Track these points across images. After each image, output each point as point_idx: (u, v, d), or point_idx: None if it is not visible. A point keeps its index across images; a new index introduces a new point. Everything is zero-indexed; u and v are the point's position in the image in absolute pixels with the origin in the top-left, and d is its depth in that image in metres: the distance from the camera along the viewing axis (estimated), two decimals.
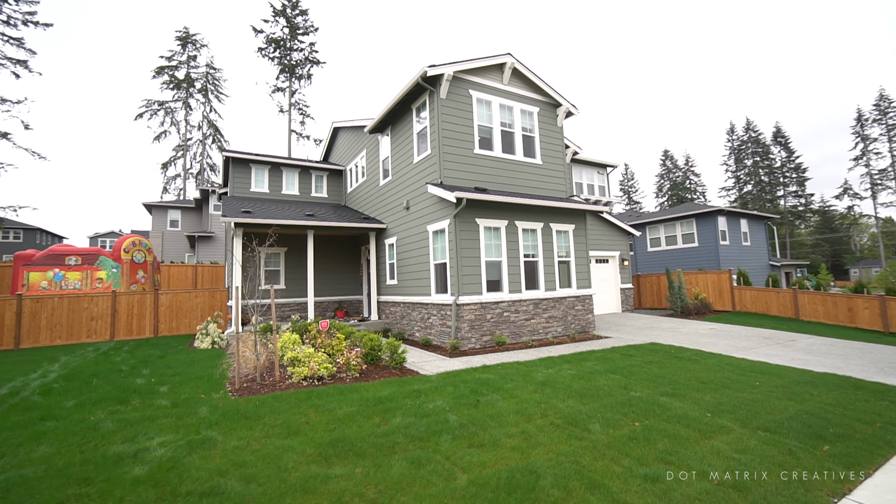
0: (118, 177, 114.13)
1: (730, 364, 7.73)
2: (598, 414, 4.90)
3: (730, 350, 9.25)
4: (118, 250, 16.11)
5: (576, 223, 12.22)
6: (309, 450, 3.92)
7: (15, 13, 31.84)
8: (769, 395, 5.82)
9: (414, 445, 4.02)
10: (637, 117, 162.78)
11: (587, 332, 11.86)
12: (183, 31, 46.55)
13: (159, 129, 44.95)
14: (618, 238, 17.65)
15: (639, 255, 24.89)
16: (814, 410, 5.16)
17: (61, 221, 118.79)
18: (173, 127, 45.82)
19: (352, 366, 6.83)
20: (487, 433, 4.33)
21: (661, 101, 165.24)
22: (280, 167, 16.88)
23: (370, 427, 4.51)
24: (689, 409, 5.17)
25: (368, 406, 5.22)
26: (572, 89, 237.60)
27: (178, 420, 4.76)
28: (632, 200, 66.36)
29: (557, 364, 7.67)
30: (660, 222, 23.74)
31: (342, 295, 16.09)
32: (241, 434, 4.33)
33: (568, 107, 12.78)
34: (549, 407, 5.15)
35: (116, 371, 7.61)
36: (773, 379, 6.70)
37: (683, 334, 11.57)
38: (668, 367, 7.41)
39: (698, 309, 15.70)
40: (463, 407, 5.16)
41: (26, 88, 76.99)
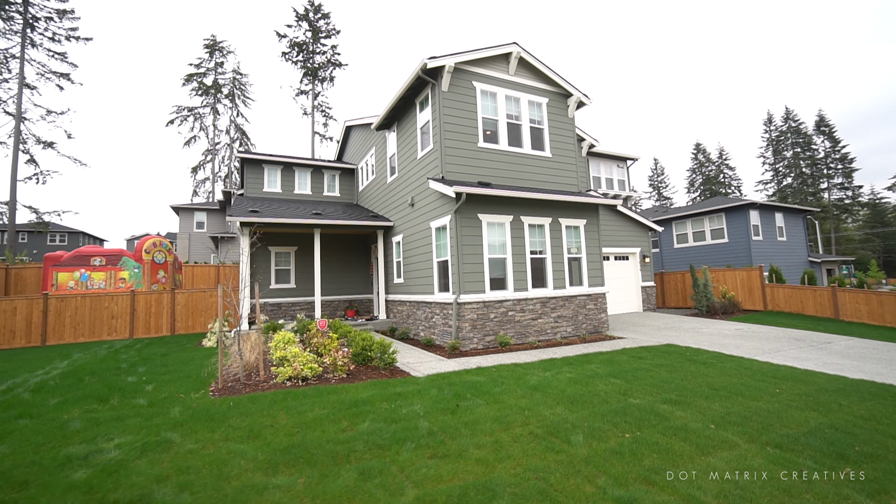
0: (152, 181, 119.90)
1: (749, 369, 7.04)
2: (585, 423, 4.46)
3: (753, 353, 8.49)
4: (139, 251, 16.67)
5: (587, 218, 11.62)
6: (261, 456, 3.70)
7: (59, 30, 33.75)
8: (789, 404, 5.19)
9: (371, 454, 3.73)
10: (667, 110, 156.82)
11: (600, 332, 11.25)
12: (210, 39, 48.17)
13: (189, 135, 46.69)
14: (638, 234, 16.79)
15: (664, 251, 23.74)
16: (839, 424, 4.52)
17: (101, 225, 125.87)
18: (202, 132, 47.50)
19: (338, 366, 6.62)
20: (456, 442, 3.99)
21: (693, 93, 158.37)
22: (292, 167, 17.02)
23: (334, 432, 4.26)
24: (691, 419, 4.64)
25: (342, 409, 4.97)
26: (596, 82, 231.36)
27: (146, 420, 4.66)
28: (662, 196, 63.88)
29: (557, 366, 7.20)
30: (687, 217, 22.53)
31: (353, 294, 16.04)
32: (201, 437, 4.17)
33: (579, 97, 12.18)
34: (533, 414, 4.75)
35: (115, 369, 7.71)
36: (798, 386, 6.01)
37: (705, 335, 10.79)
38: (679, 372, 6.81)
39: (725, 308, 14.70)
40: (439, 412, 4.83)
41: (69, 99, 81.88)
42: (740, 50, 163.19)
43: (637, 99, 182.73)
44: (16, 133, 31.64)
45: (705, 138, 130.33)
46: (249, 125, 61.86)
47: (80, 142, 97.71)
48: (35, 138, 32.98)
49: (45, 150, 33.41)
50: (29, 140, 32.81)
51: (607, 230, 15.97)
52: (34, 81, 33.28)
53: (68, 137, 34.29)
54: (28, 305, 13.13)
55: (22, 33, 32.67)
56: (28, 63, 32.94)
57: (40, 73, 33.61)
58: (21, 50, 32.62)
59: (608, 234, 15.99)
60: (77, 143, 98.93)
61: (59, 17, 34.05)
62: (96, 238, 52.42)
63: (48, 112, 33.49)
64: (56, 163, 65.04)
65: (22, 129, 32.16)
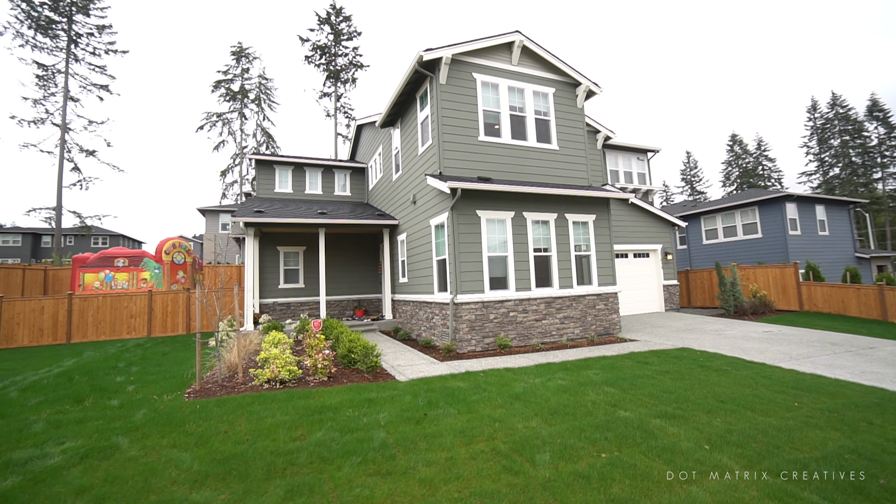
0: (185, 184, 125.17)
1: (768, 377, 6.31)
2: (558, 439, 4.01)
3: (778, 359, 7.68)
4: (159, 252, 17.22)
5: (597, 213, 10.96)
6: (196, 466, 3.49)
7: (99, 44, 35.67)
8: (806, 421, 4.53)
9: (311, 469, 3.45)
10: (700, 101, 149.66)
11: (611, 334, 10.59)
12: (237, 46, 49.65)
13: (218, 139, 48.32)
14: (660, 230, 15.84)
15: (692, 248, 22.44)
16: (864, 448, 3.86)
17: (138, 227, 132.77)
18: (230, 136, 49.05)
19: (319, 369, 6.41)
20: (407, 458, 3.64)
21: (728, 82, 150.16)
22: (303, 167, 17.10)
23: (284, 441, 4.01)
24: (684, 437, 4.10)
25: (304, 416, 4.73)
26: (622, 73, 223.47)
27: (107, 423, 4.58)
28: (695, 190, 60.90)
29: (552, 372, 6.72)
30: (716, 212, 21.18)
31: (362, 293, 15.94)
32: (150, 442, 4.02)
33: (588, 85, 11.52)
34: (504, 427, 4.34)
35: (112, 368, 7.83)
36: (822, 399, 5.29)
37: (728, 338, 9.94)
38: (686, 380, 6.19)
39: (755, 308, 13.60)
40: (403, 422, 4.50)
41: (108, 109, 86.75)
42: (779, 33, 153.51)
43: (668, 90, 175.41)
44: (61, 143, 33.63)
45: (742, 129, 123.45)
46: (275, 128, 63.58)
47: (117, 149, 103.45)
48: (78, 147, 34.94)
49: (87, 157, 35.31)
50: (73, 149, 34.80)
51: (625, 226, 15.14)
52: (77, 94, 35.29)
53: (108, 146, 36.14)
54: (54, 305, 13.77)
55: (66, 49, 34.68)
56: (71, 77, 34.93)
57: (83, 85, 35.57)
58: (66, 65, 34.63)
59: (626, 230, 15.16)
60: (115, 151, 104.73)
61: (99, 32, 35.94)
62: (135, 240, 55.23)
63: (90, 122, 35.43)
64: (97, 170, 69.05)
65: (66, 139, 34.16)
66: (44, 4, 33.71)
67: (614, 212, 14.81)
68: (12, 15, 33.09)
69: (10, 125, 68.72)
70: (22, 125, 32.59)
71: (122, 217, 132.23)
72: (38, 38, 33.74)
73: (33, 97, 33.91)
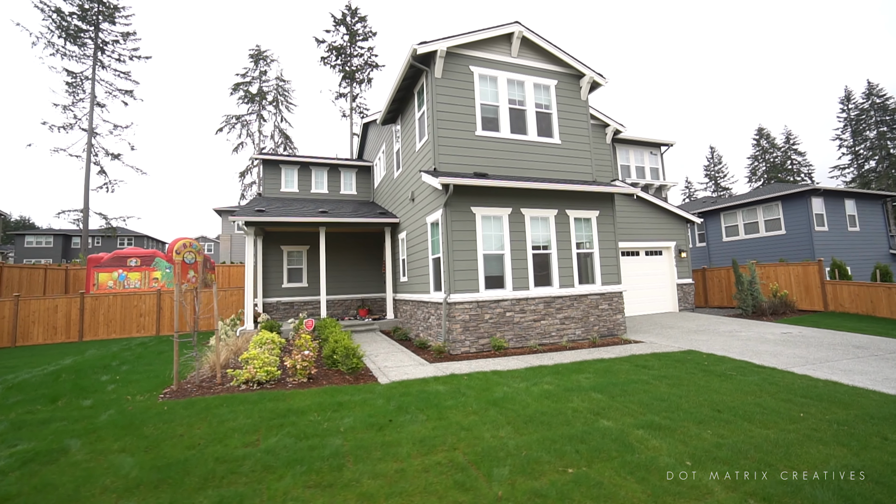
0: (206, 185, 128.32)
1: (776, 384, 5.80)
2: (524, 451, 3.70)
3: (792, 363, 7.10)
4: (170, 252, 17.55)
5: (600, 209, 10.49)
6: (135, 473, 3.35)
7: (124, 51, 36.89)
8: (809, 435, 4.07)
9: (251, 478, 3.26)
10: (723, 94, 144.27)
11: (615, 335, 10.11)
12: (255, 49, 50.53)
13: (237, 141, 49.28)
14: (673, 226, 15.15)
15: (712, 245, 21.49)
16: (872, 468, 3.41)
17: (161, 228, 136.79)
18: (249, 138, 50.01)
19: (298, 370, 6.25)
20: (356, 468, 3.41)
21: (753, 74, 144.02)
22: (309, 167, 17.11)
23: (235, 447, 3.84)
24: (666, 451, 3.73)
25: (268, 419, 4.56)
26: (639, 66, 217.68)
27: (69, 425, 4.52)
28: (719, 187, 58.72)
29: (541, 376, 6.37)
30: (737, 207, 20.20)
31: (366, 293, 15.82)
32: (101, 446, 3.92)
33: (592, 76, 11.04)
34: (471, 436, 4.05)
35: (103, 367, 7.90)
36: (833, 409, 4.79)
37: (741, 340, 9.33)
38: (683, 386, 5.74)
39: (775, 308, 12.81)
40: (366, 428, 4.27)
41: (132, 114, 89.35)
42: (808, 20, 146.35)
43: (690, 84, 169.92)
44: (88, 147, 34.88)
45: (769, 122, 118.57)
46: (293, 129, 64.54)
47: (141, 152, 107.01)
48: (104, 151, 36.17)
49: (112, 161, 36.49)
50: (99, 153, 36.04)
51: (636, 223, 14.53)
52: (103, 99, 36.52)
53: (132, 149, 37.30)
54: (67, 304, 14.17)
55: (93, 57, 35.94)
56: (98, 83, 36.20)
57: (108, 91, 36.81)
58: (92, 72, 35.89)
59: (637, 226, 14.54)
60: (138, 154, 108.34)
61: (124, 39, 37.15)
62: (158, 241, 57.02)
63: (115, 126, 36.66)
64: (121, 172, 71.42)
65: (93, 143, 35.41)
66: (73, 14, 35.01)
67: (624, 208, 14.23)
68: (44, 25, 34.51)
69: (41, 130, 72.14)
70: (52, 130, 34.00)
71: (146, 218, 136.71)
72: (67, 47, 35.03)
73: (63, 103, 35.31)
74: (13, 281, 17.67)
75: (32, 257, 42.35)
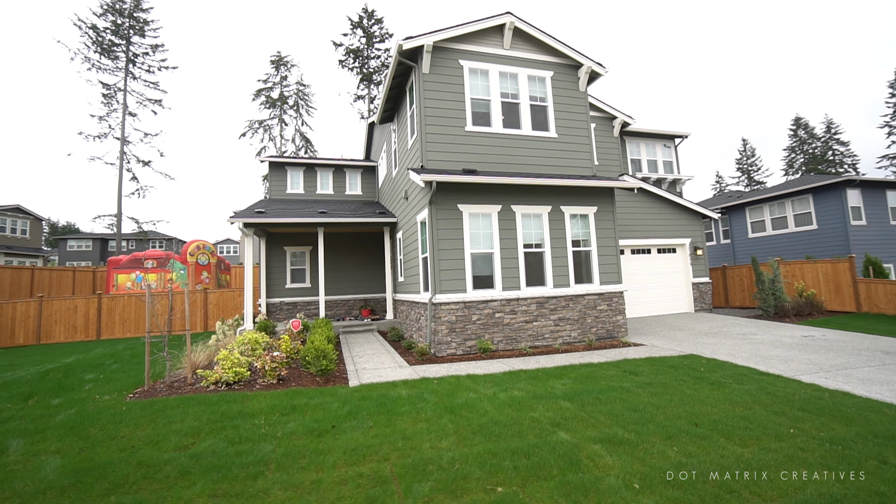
0: (232, 189, 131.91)
1: (774, 394, 5.25)
2: (458, 465, 3.41)
3: (803, 370, 6.45)
4: (185, 254, 18.11)
5: (598, 205, 9.98)
6: (52, 476, 3.31)
7: (153, 62, 38.57)
8: (794, 455, 3.59)
9: (163, 484, 3.14)
10: (758, 84, 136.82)
11: (614, 337, 9.58)
12: (276, 56, 51.83)
13: (259, 145, 50.76)
14: (688, 222, 14.33)
15: (737, 242, 20.29)
16: (855, 499, 2.93)
17: (189, 231, 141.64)
18: (271, 142, 51.34)
19: (267, 371, 6.17)
20: (273, 476, 3.24)
21: (789, 62, 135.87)
22: (314, 168, 17.24)
23: (167, 450, 3.76)
24: (617, 470, 3.36)
25: (215, 421, 4.47)
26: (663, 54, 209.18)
27: (25, 423, 4.57)
28: (752, 180, 55.75)
29: (516, 381, 6.03)
30: (763, 202, 18.97)
31: (369, 293, 15.78)
32: (39, 447, 3.92)
33: (590, 66, 10.53)
34: (410, 446, 3.80)
35: (95, 366, 8.11)
36: (832, 425, 4.25)
37: (753, 344, 8.63)
38: (667, 395, 5.28)
39: (799, 309, 11.86)
40: (306, 433, 4.09)
41: (161, 122, 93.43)
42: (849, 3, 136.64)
43: (720, 74, 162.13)
44: (121, 154, 36.62)
45: (807, 111, 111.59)
46: (313, 132, 65.86)
47: (169, 158, 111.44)
48: (136, 158, 37.85)
49: (143, 168, 38.15)
50: (131, 160, 37.76)
51: (647, 219, 13.82)
52: (134, 109, 38.26)
53: (161, 156, 38.93)
54: (86, 304, 14.80)
55: (125, 69, 37.70)
56: (129, 93, 37.93)
57: (139, 101, 38.53)
58: (124, 83, 37.66)
59: (648, 223, 13.83)
60: (167, 160, 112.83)
61: (153, 51, 38.83)
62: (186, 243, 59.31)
63: (145, 135, 38.35)
64: (151, 178, 74.53)
65: (125, 151, 37.14)
66: (107, 29, 36.83)
67: (631, 203, 13.56)
68: (81, 42, 36.53)
69: (78, 140, 76.50)
70: (89, 140, 35.86)
71: (175, 222, 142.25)
72: (102, 61, 36.88)
73: (98, 114, 37.23)
74: (44, 282, 18.69)
75: (74, 260, 44.93)
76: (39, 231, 36.54)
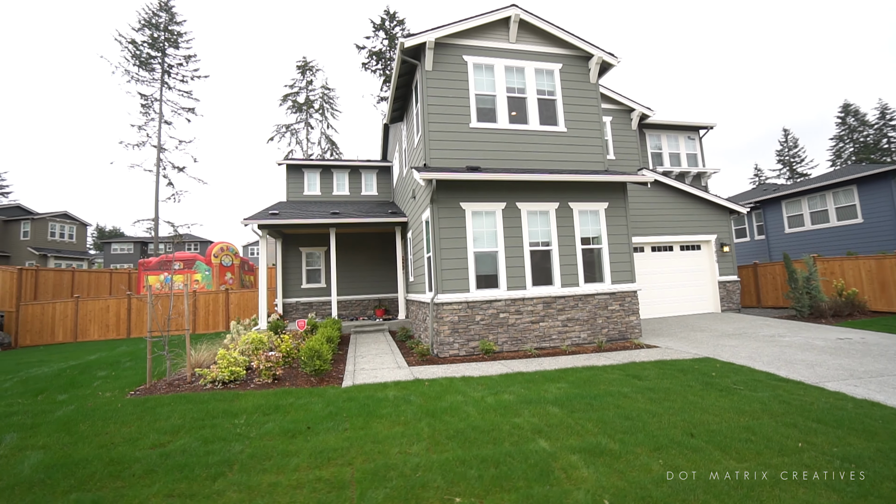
0: (261, 192, 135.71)
1: (788, 403, 4.80)
2: (420, 472, 3.27)
3: (830, 376, 5.90)
4: (209, 256, 18.79)
5: (610, 200, 9.56)
6: (27, 471, 3.43)
7: (186, 72, 40.39)
8: (795, 473, 3.24)
9: (122, 483, 3.20)
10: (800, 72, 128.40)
11: (627, 338, 9.15)
12: (302, 61, 53.17)
13: (287, 149, 52.25)
14: (714, 217, 13.55)
15: (772, 238, 19.07)
16: None
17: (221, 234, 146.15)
18: (297, 145, 52.78)
19: (262, 371, 6.23)
20: (233, 477, 3.22)
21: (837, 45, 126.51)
22: (330, 169, 17.48)
23: (143, 448, 3.85)
24: (590, 484, 3.12)
25: (198, 420, 4.53)
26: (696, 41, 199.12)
27: (26, 418, 4.79)
28: (795, 173, 52.45)
29: (510, 384, 5.82)
30: (801, 195, 17.73)
31: (383, 293, 15.84)
32: (30, 442, 4.09)
33: (601, 56, 10.11)
34: (378, 450, 3.69)
35: (112, 363, 8.47)
36: (849, 440, 3.82)
37: (779, 346, 8.01)
38: (667, 402, 4.93)
39: (838, 309, 10.96)
40: (280, 434, 4.07)
41: (194, 129, 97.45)
42: None
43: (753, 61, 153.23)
44: (157, 162, 38.50)
45: (857, 97, 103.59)
46: (338, 135, 67.10)
47: (202, 163, 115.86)
48: (171, 164, 39.72)
49: (178, 173, 39.97)
50: (167, 166, 39.66)
51: (668, 214, 13.16)
52: (169, 117, 40.15)
53: (194, 161, 40.66)
54: (117, 304, 15.61)
55: (161, 80, 39.62)
56: (164, 103, 39.86)
57: (174, 110, 40.41)
58: (160, 93, 39.59)
59: (669, 219, 13.17)
60: (200, 165, 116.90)
61: (186, 61, 40.64)
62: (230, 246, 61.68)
63: (180, 142, 40.16)
64: (186, 183, 77.98)
65: (161, 158, 39.03)
66: (145, 43, 38.84)
67: (652, 199, 12.95)
68: (122, 56, 38.73)
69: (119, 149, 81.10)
70: (128, 148, 37.91)
71: (208, 225, 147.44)
72: (140, 73, 38.91)
73: (137, 123, 39.34)
74: (83, 284, 19.87)
75: (117, 262, 47.70)
76: (84, 235, 38.97)
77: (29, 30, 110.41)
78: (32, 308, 14.99)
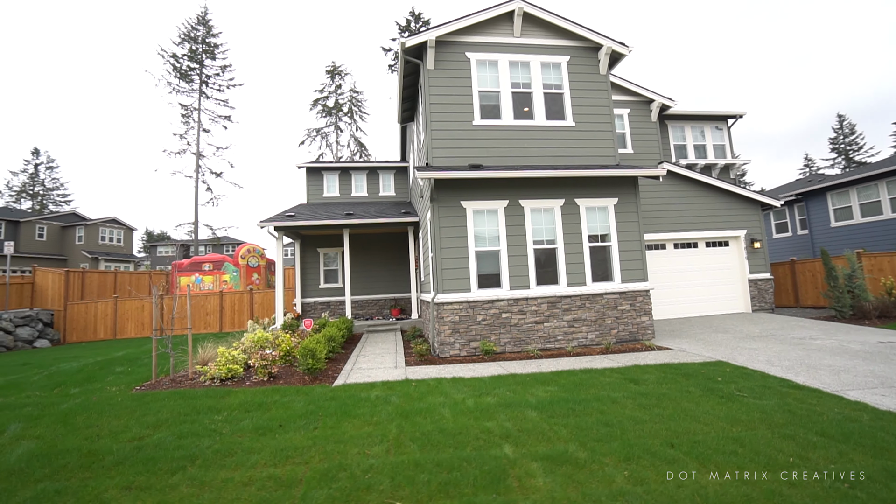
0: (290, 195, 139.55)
1: (794, 413, 4.39)
2: (369, 475, 3.22)
3: (855, 384, 5.36)
4: (237, 257, 19.61)
5: (619, 196, 9.16)
6: (12, 460, 3.65)
7: (222, 81, 42.38)
8: (773, 493, 2.94)
9: (90, 474, 3.37)
10: (852, 52, 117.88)
11: (638, 339, 8.72)
12: (331, 66, 54.49)
13: (317, 152, 53.76)
14: (744, 212, 12.70)
15: (816, 232, 17.67)
16: None
17: (256, 236, 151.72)
18: (328, 148, 54.20)
19: (258, 369, 6.41)
20: (192, 472, 3.34)
21: None
22: (349, 171, 17.80)
23: (122, 441, 4.04)
24: (542, 495, 2.97)
25: (183, 415, 4.70)
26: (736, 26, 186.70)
27: (35, 410, 5.16)
28: (852, 162, 48.44)
29: (498, 386, 5.67)
30: (849, 185, 16.31)
31: (398, 293, 15.95)
32: (27, 432, 4.37)
33: (611, 46, 9.71)
34: (338, 450, 3.68)
35: (133, 360, 9.00)
36: (851, 456, 3.44)
37: (806, 350, 7.39)
38: (658, 409, 4.64)
39: (886, 310, 9.98)
40: (253, 431, 4.16)
41: (230, 136, 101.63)
42: None
43: (809, 43, 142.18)
44: (197, 168, 40.59)
45: None
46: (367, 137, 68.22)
47: (238, 168, 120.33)
48: (209, 170, 41.77)
49: (216, 179, 41.99)
50: (205, 172, 41.73)
51: (692, 209, 12.46)
52: (207, 125, 42.24)
53: (231, 167, 42.60)
54: (150, 304, 16.58)
55: (199, 90, 41.77)
56: (203, 112, 41.98)
57: (211, 118, 42.46)
58: (198, 103, 41.72)
59: (694, 213, 12.46)
60: (236, 170, 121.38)
61: (222, 71, 42.60)
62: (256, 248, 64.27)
63: (217, 149, 42.15)
64: (223, 188, 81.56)
65: (200, 165, 41.13)
66: (184, 56, 41.08)
67: (673, 193, 12.30)
68: (164, 69, 41.24)
69: (162, 157, 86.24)
70: (171, 156, 40.22)
71: (243, 228, 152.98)
72: (180, 84, 41.19)
73: (178, 132, 41.66)
74: (124, 284, 21.26)
75: (162, 264, 50.79)
76: (131, 239, 41.71)
77: (84, 49, 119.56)
78: (78, 307, 16.21)
